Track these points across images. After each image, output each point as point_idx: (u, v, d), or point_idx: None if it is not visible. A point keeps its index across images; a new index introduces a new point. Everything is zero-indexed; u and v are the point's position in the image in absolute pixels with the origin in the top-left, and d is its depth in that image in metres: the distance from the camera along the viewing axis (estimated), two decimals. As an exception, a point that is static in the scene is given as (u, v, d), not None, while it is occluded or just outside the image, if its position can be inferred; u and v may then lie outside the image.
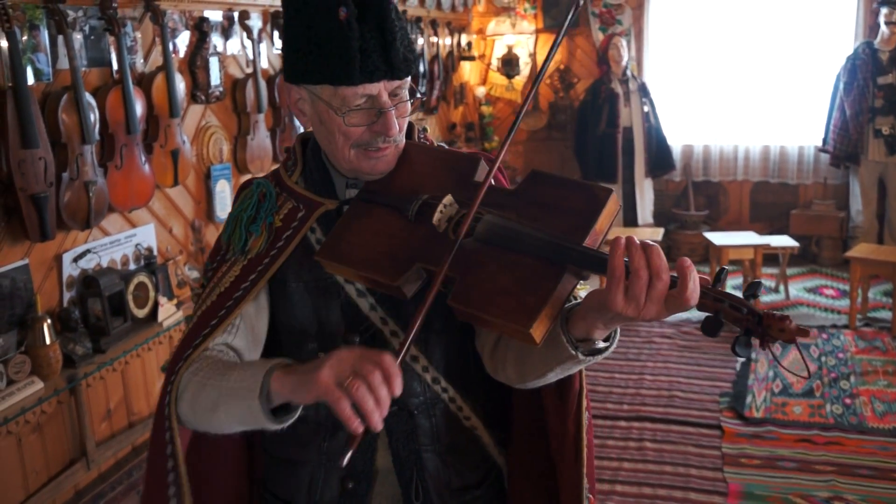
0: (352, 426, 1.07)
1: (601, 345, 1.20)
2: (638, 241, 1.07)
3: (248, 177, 1.84)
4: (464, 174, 1.33)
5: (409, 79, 1.32)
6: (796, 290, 6.02)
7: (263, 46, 4.07)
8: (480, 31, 7.38)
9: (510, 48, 7.18)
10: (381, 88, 1.28)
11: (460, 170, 1.34)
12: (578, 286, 1.22)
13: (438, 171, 1.35)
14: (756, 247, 5.51)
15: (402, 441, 1.42)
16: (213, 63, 3.70)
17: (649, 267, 1.06)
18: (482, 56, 7.42)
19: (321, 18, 1.25)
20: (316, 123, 1.35)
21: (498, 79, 7.37)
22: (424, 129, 1.50)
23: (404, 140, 1.38)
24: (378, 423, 1.07)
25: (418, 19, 5.89)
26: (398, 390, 1.09)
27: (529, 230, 1.19)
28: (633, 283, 1.06)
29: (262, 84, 3.95)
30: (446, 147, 1.47)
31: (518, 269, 1.17)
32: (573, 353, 1.18)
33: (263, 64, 4.06)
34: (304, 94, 1.33)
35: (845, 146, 6.20)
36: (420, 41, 5.94)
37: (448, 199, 1.28)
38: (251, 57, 3.94)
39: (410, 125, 1.43)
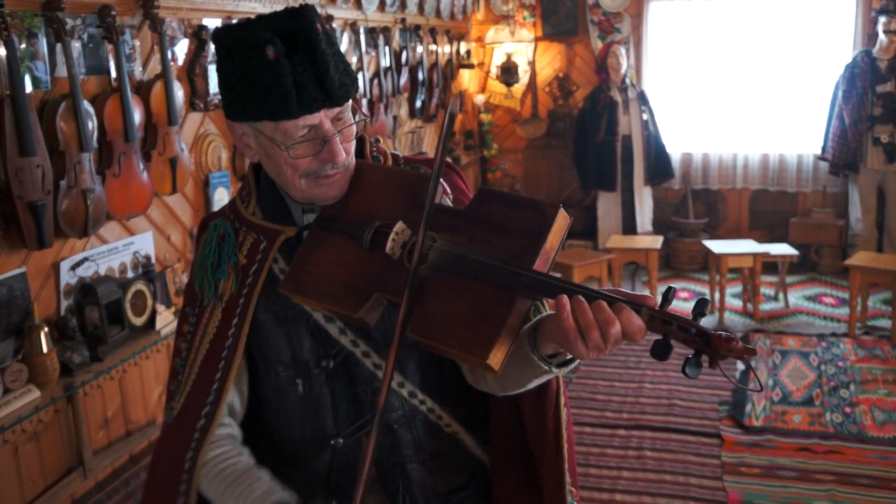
0: None
1: (570, 356, 1.22)
2: (580, 300, 1.09)
3: (215, 210, 1.83)
4: (415, 195, 1.32)
5: (349, 102, 1.31)
6: (796, 298, 6.01)
7: (262, 54, 4.07)
8: (479, 39, 7.39)
9: (509, 56, 7.19)
10: (321, 118, 1.27)
11: (412, 190, 1.33)
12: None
13: (390, 192, 1.34)
14: (755, 255, 5.51)
15: (385, 456, 1.44)
16: (212, 71, 3.70)
17: (597, 322, 1.08)
18: (481, 64, 7.43)
19: (250, 59, 1.24)
20: (263, 157, 1.35)
21: (497, 87, 7.38)
22: (377, 140, 1.50)
23: (354, 161, 1.37)
24: None
25: (417, 27, 5.90)
26: None
27: (479, 256, 1.19)
28: (587, 337, 1.08)
29: (261, 92, 3.95)
30: (401, 159, 1.47)
31: (470, 296, 1.17)
32: (546, 368, 1.21)
33: (262, 72, 4.06)
34: (246, 129, 1.33)
35: (844, 154, 6.20)
36: (419, 49, 5.95)
37: (399, 225, 1.27)
38: (250, 65, 3.93)
39: (362, 139, 1.43)
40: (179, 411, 1.43)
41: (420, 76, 5.97)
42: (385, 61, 5.35)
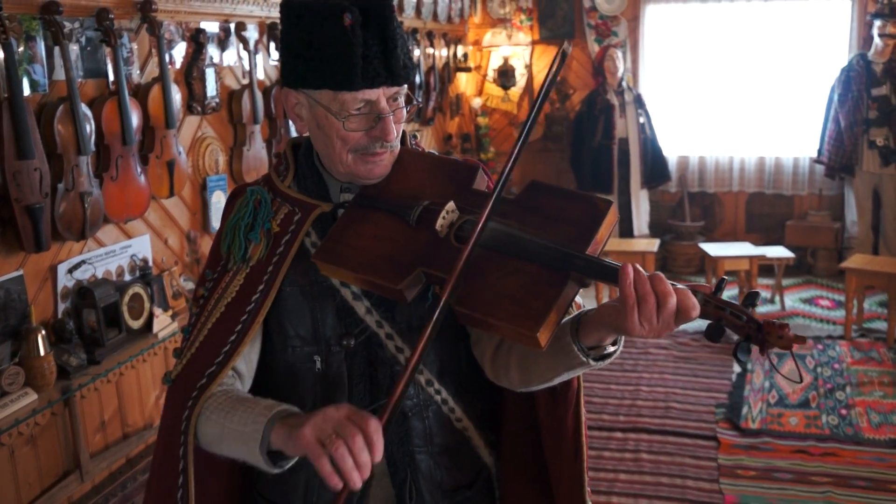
0: (331, 483, 1.11)
1: (610, 349, 1.24)
2: (641, 271, 1.13)
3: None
4: (462, 182, 1.35)
5: (406, 86, 1.34)
6: (792, 300, 6.03)
7: (260, 58, 4.08)
8: (477, 43, 7.40)
9: (506, 59, 7.20)
10: (380, 94, 1.29)
11: (459, 177, 1.36)
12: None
13: (437, 177, 1.37)
14: (751, 258, 5.52)
15: (396, 443, 1.43)
16: (210, 74, 3.71)
17: (655, 293, 1.11)
18: (478, 67, 7.44)
19: (325, 24, 1.26)
20: (313, 128, 1.36)
21: (494, 90, 7.39)
22: (415, 136, 1.52)
23: (399, 145, 1.39)
24: (357, 483, 1.10)
25: (415, 30, 5.91)
26: (379, 456, 1.12)
27: (533, 237, 1.22)
28: (643, 308, 1.11)
29: (259, 95, 3.96)
30: (439, 154, 1.48)
31: (522, 276, 1.20)
32: (584, 360, 1.22)
33: (259, 75, 4.07)
34: (302, 98, 1.34)
35: (840, 157, 6.22)
36: (416, 52, 5.96)
37: (451, 205, 1.30)
38: (247, 68, 3.94)
39: (403, 132, 1.44)
40: (181, 372, 1.38)
41: (417, 79, 5.98)
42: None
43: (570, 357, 1.23)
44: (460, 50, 7.06)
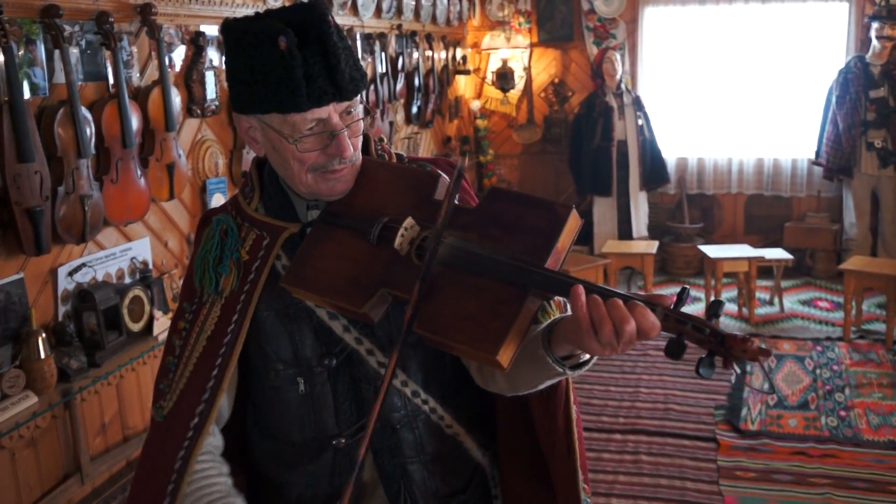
0: None
1: (585, 357, 1.22)
2: (594, 295, 1.09)
3: (215, 206, 1.83)
4: (424, 193, 1.32)
5: (358, 97, 1.31)
6: (790, 302, 6.03)
7: (259, 60, 4.08)
8: (475, 45, 7.41)
9: (505, 62, 7.21)
10: (330, 111, 1.27)
11: (420, 188, 1.33)
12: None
13: (398, 189, 1.33)
14: (750, 259, 5.53)
15: (387, 456, 1.42)
16: (209, 77, 3.71)
17: (612, 318, 1.07)
18: (477, 70, 7.45)
19: (261, 49, 1.23)
20: (270, 151, 1.34)
21: (493, 92, 7.39)
22: (381, 139, 1.49)
23: (360, 157, 1.37)
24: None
25: (413, 33, 5.92)
26: None
27: (491, 254, 1.19)
28: (600, 333, 1.07)
29: (258, 98, 3.96)
30: (405, 158, 1.46)
31: (481, 294, 1.17)
32: (560, 370, 1.21)
33: (259, 78, 4.07)
34: (254, 122, 1.32)
35: (838, 159, 6.23)
36: (415, 55, 5.97)
37: (409, 221, 1.26)
38: (247, 71, 3.94)
39: (367, 137, 1.42)
40: (171, 409, 1.39)
41: (416, 82, 5.99)
42: (381, 67, 5.37)
43: (547, 368, 1.21)
44: (459, 52, 7.07)
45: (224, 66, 1.33)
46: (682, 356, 1.06)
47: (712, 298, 5.49)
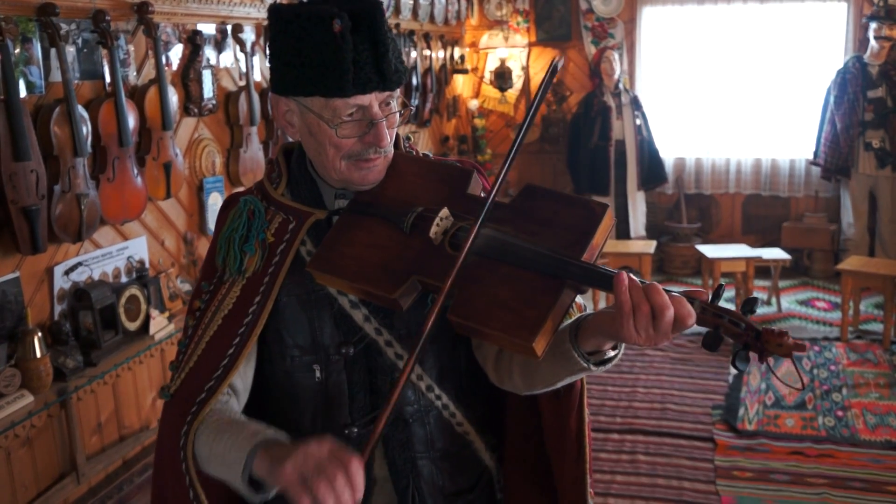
0: None
1: (610, 353, 1.24)
2: (637, 281, 1.12)
3: (240, 189, 1.83)
4: (457, 186, 1.34)
5: (398, 90, 1.33)
6: (788, 302, 6.04)
7: (256, 59, 4.08)
8: (473, 45, 7.41)
9: (503, 61, 7.21)
10: (372, 100, 1.28)
11: (453, 182, 1.35)
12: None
13: (431, 182, 1.35)
14: (748, 259, 5.53)
15: (397, 449, 1.42)
16: (206, 76, 3.71)
17: (651, 303, 1.10)
18: (475, 69, 7.45)
19: (314, 31, 1.25)
20: (305, 135, 1.35)
21: (491, 92, 7.39)
22: (408, 139, 1.51)
23: (393, 150, 1.38)
24: None
25: (411, 32, 5.91)
26: (360, 496, 1.09)
27: (528, 244, 1.21)
28: (638, 317, 1.10)
29: (255, 97, 3.96)
30: (432, 157, 1.47)
31: (517, 283, 1.18)
32: (585, 365, 1.22)
33: (256, 77, 4.07)
34: (292, 105, 1.33)
35: (836, 159, 6.23)
36: (413, 54, 5.96)
37: (444, 212, 1.28)
38: (244, 70, 3.94)
39: (396, 135, 1.43)
40: (179, 387, 1.38)
41: (414, 81, 5.99)
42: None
43: (571, 363, 1.22)
44: (457, 52, 7.06)
45: (268, 48, 1.33)
46: (718, 348, 1.09)
47: (742, 292, 5.51)
